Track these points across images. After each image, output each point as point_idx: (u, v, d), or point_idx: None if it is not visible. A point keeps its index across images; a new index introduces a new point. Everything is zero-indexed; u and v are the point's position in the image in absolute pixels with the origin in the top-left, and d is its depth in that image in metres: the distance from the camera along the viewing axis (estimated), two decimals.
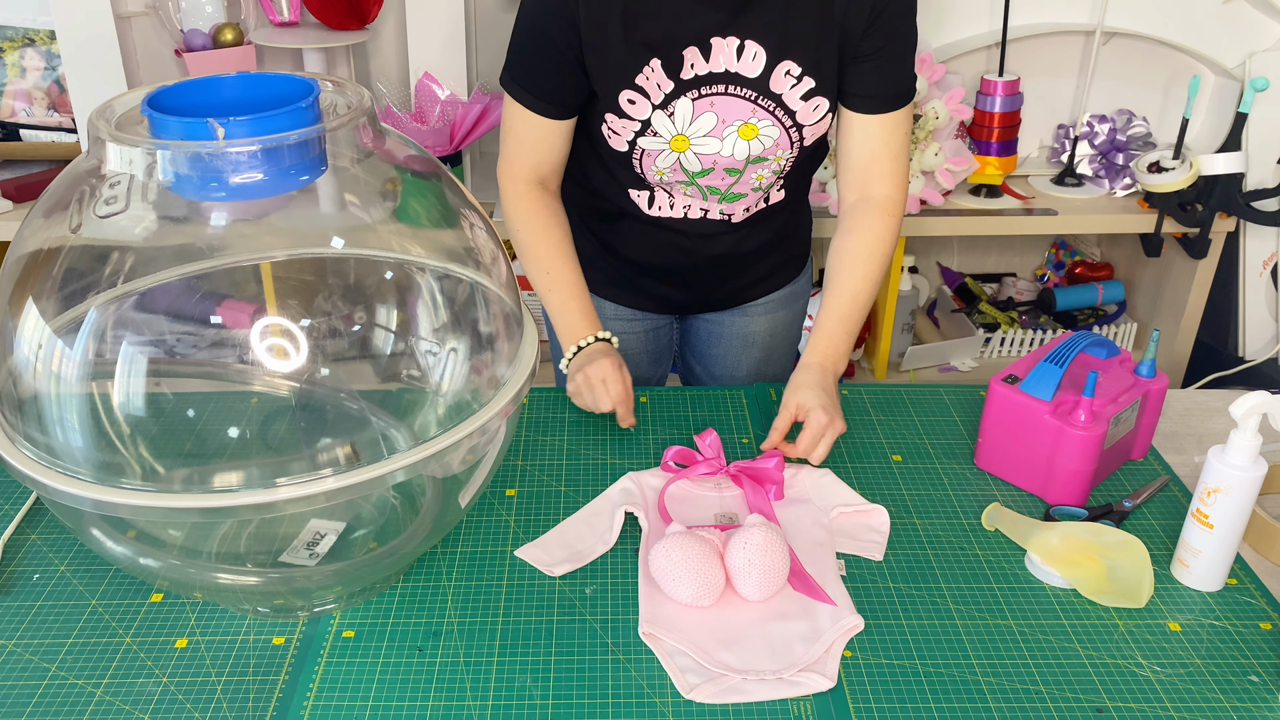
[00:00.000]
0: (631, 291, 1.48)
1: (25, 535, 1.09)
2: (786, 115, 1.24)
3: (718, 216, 1.36)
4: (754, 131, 1.24)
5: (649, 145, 1.25)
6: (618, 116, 1.23)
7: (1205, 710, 0.90)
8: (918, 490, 1.17)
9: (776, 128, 1.24)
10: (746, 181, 1.30)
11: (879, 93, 1.25)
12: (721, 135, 1.24)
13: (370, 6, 2.02)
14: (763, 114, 1.23)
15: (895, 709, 0.90)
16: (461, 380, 0.96)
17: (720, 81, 1.20)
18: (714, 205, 1.34)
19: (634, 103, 1.21)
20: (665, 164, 1.27)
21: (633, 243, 1.42)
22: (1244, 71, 2.07)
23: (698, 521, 1.10)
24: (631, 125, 1.24)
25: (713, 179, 1.29)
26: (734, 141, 1.24)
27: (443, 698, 0.90)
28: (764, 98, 1.22)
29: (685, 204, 1.34)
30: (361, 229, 0.95)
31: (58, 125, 2.12)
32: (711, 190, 1.31)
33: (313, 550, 1.00)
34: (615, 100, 1.22)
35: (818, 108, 1.24)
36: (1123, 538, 1.03)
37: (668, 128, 1.23)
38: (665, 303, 1.50)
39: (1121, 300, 2.41)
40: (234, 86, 0.93)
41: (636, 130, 1.24)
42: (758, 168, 1.29)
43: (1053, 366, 1.12)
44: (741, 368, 1.57)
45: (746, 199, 1.34)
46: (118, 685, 0.91)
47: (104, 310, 0.88)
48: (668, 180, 1.30)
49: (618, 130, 1.25)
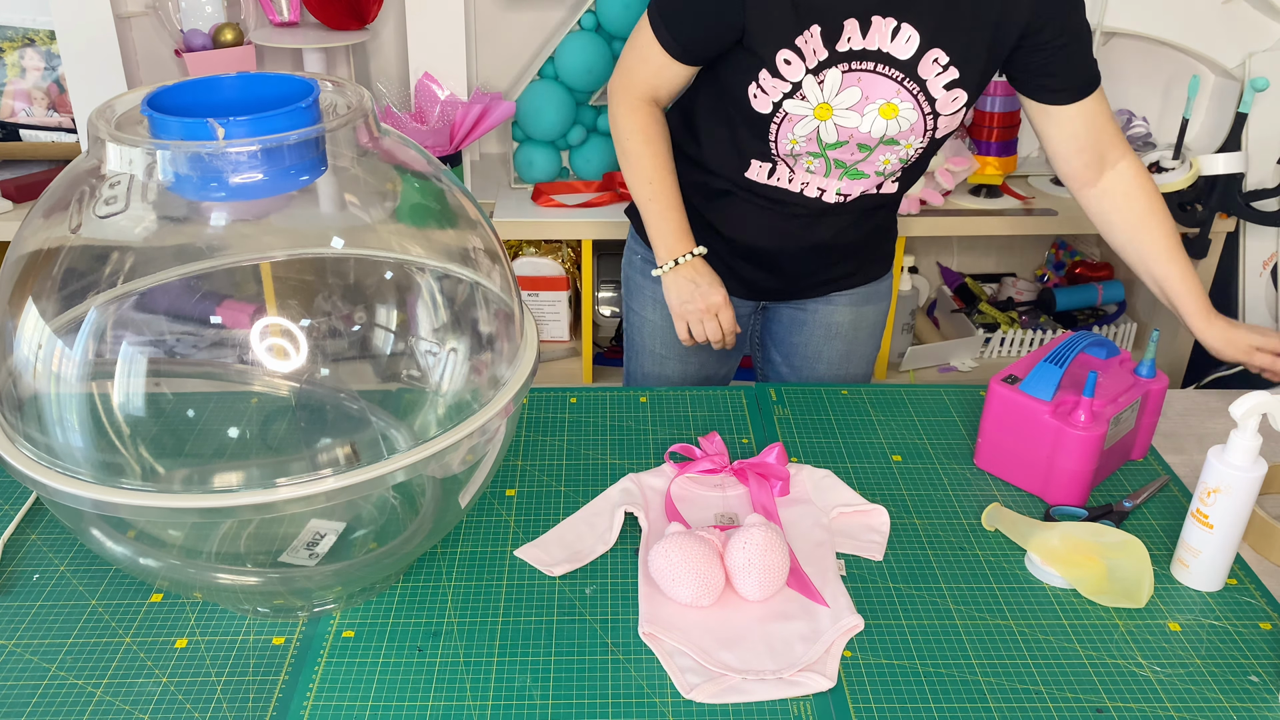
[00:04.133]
0: (721, 272, 1.49)
1: (25, 535, 1.09)
2: (927, 101, 1.28)
3: (833, 199, 1.38)
4: (894, 111, 1.28)
5: (793, 109, 1.28)
6: (771, 75, 1.26)
7: (1205, 710, 0.90)
8: (918, 490, 1.17)
9: (916, 111, 1.28)
10: (873, 162, 1.34)
11: (1081, 80, 1.31)
12: (863, 111, 1.28)
13: (370, 6, 2.01)
14: (906, 96, 1.27)
15: (895, 709, 0.90)
16: (461, 380, 0.96)
17: (872, 59, 1.25)
18: (833, 183, 1.36)
19: (789, 63, 1.25)
20: (803, 131, 1.30)
21: (736, 220, 1.44)
22: (1244, 71, 2.07)
23: (699, 521, 1.10)
24: (782, 86, 1.27)
25: (843, 152, 1.32)
26: (874, 119, 1.28)
27: (443, 698, 0.90)
28: (910, 80, 1.26)
29: (805, 180, 1.37)
30: (361, 229, 0.95)
31: (58, 125, 2.12)
32: (838, 164, 1.34)
33: (313, 550, 1.00)
34: (773, 58, 1.25)
35: (956, 99, 1.28)
36: (1123, 538, 1.03)
37: (816, 94, 1.26)
38: (753, 288, 1.52)
39: (1121, 300, 2.41)
40: (234, 86, 0.93)
41: (786, 92, 1.27)
42: (887, 150, 1.32)
43: (1053, 366, 1.12)
44: (822, 360, 1.58)
45: (867, 180, 1.36)
46: (118, 685, 0.91)
47: (104, 310, 0.88)
48: (799, 150, 1.32)
49: (767, 90, 1.27)
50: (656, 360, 1.58)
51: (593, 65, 2.06)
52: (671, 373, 1.58)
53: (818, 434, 1.26)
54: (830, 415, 1.30)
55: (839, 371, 1.59)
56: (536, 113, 2.09)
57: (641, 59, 1.35)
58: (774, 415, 1.30)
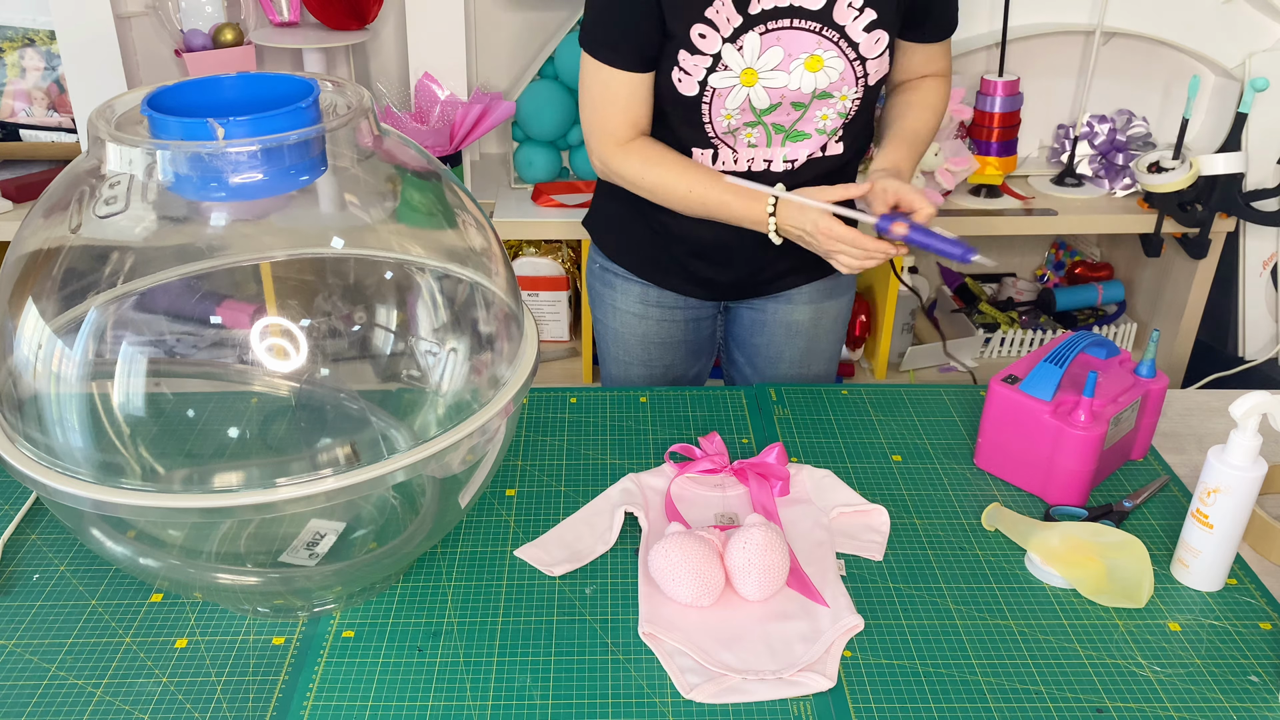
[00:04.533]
0: (677, 275, 1.49)
1: (25, 535, 1.09)
2: (850, 47, 1.28)
3: (780, 167, 1.37)
4: (819, 63, 1.28)
5: (719, 83, 1.28)
6: (689, 54, 1.27)
7: (1205, 710, 0.90)
8: (918, 490, 1.17)
9: (841, 59, 1.29)
10: (810, 120, 1.33)
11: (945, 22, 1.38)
12: (789, 69, 1.28)
13: (370, 6, 2.02)
14: (827, 44, 1.27)
15: (895, 709, 0.90)
16: (461, 380, 0.96)
17: (785, 15, 1.25)
18: (777, 151, 1.36)
19: (704, 36, 1.25)
20: (734, 103, 1.30)
21: (685, 218, 1.41)
22: (1244, 71, 2.07)
23: (699, 521, 1.10)
24: (703, 62, 1.27)
25: (779, 115, 1.32)
26: (800, 74, 1.28)
27: (443, 698, 0.90)
28: (828, 28, 1.27)
29: (749, 156, 1.36)
30: (361, 229, 0.95)
31: (58, 125, 2.12)
32: (777, 128, 1.33)
33: (313, 550, 1.00)
34: (687, 35, 1.26)
35: (879, 40, 1.29)
36: (1123, 538, 1.03)
37: (737, 61, 1.27)
38: (710, 287, 1.51)
39: (1121, 300, 2.41)
40: (234, 86, 0.93)
41: (708, 67, 1.27)
42: (822, 104, 1.32)
43: (1053, 366, 1.12)
44: (784, 359, 1.57)
45: (810, 140, 1.35)
46: (118, 685, 0.91)
47: (104, 310, 0.88)
48: (735, 124, 1.32)
49: (689, 70, 1.28)
50: (621, 366, 1.59)
51: None
52: (636, 376, 1.59)
53: (818, 434, 1.26)
54: (830, 415, 1.30)
55: (800, 371, 1.58)
56: (536, 113, 2.09)
57: (606, 96, 1.33)
58: (774, 415, 1.30)
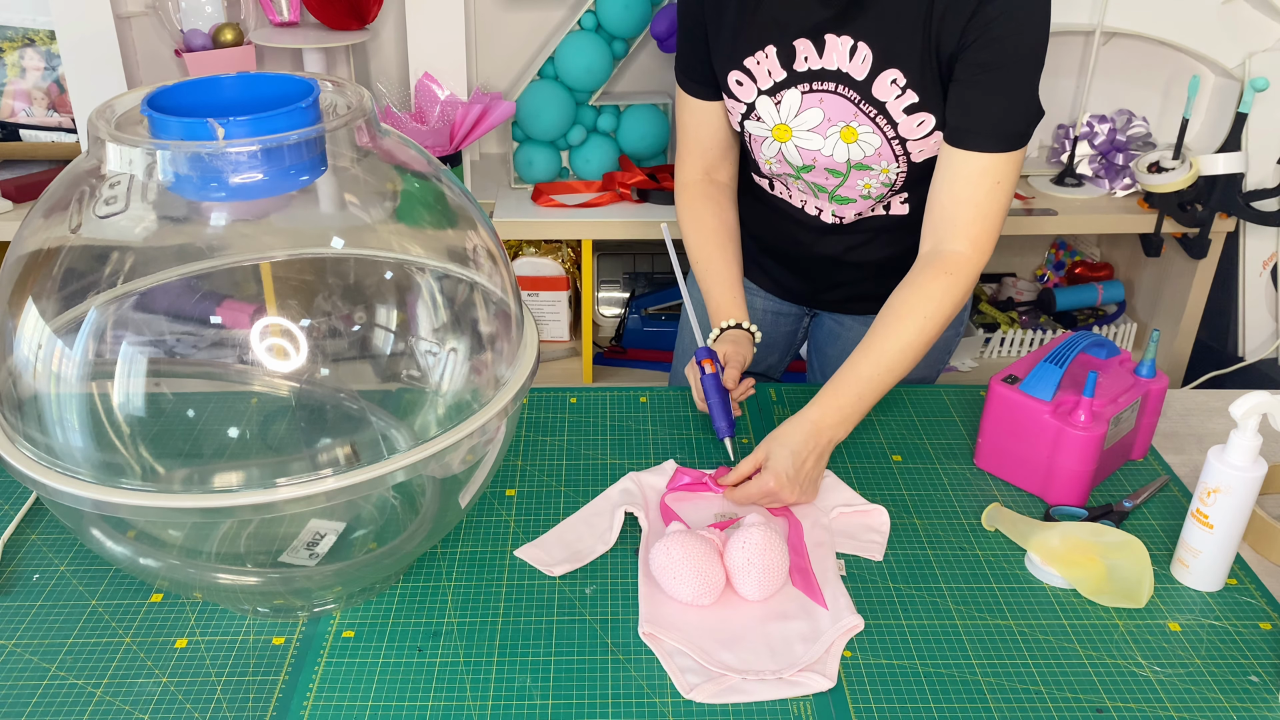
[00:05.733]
0: (757, 270, 1.49)
1: (25, 535, 1.09)
2: (889, 125, 1.19)
3: (830, 220, 1.35)
4: (854, 135, 1.21)
5: (754, 130, 1.27)
6: (728, 97, 1.26)
7: (1205, 710, 0.90)
8: (918, 490, 1.17)
9: (878, 136, 1.20)
10: (853, 187, 1.28)
11: (973, 126, 1.12)
12: (825, 134, 1.23)
13: (370, 6, 2.01)
14: (864, 120, 1.19)
15: (895, 709, 0.90)
16: (461, 380, 0.95)
17: (831, 79, 1.19)
18: (825, 205, 1.34)
19: (741, 84, 1.24)
20: (769, 152, 1.29)
21: (757, 220, 1.43)
22: (1244, 71, 2.07)
23: (698, 521, 1.10)
24: (739, 108, 1.26)
25: (816, 176, 1.29)
26: (835, 142, 1.23)
27: (443, 698, 0.90)
28: (865, 102, 1.18)
29: (801, 199, 1.35)
30: (361, 229, 0.95)
31: (58, 125, 2.12)
32: (818, 189, 1.31)
33: (313, 550, 1.00)
34: (726, 80, 1.25)
35: (922, 124, 1.17)
36: (1123, 538, 1.03)
37: (772, 114, 1.24)
38: (782, 286, 1.51)
39: (1121, 300, 2.41)
40: (234, 86, 0.93)
41: (743, 113, 1.26)
42: (862, 175, 1.25)
43: (1053, 366, 1.12)
44: None
45: (856, 204, 1.31)
46: (118, 685, 0.91)
47: (104, 310, 0.88)
48: (776, 170, 1.31)
49: (730, 110, 1.28)
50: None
51: (593, 65, 2.06)
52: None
53: None
54: None
55: None
56: (536, 113, 2.09)
57: (684, 129, 1.36)
58: (774, 415, 1.30)
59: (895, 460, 1.22)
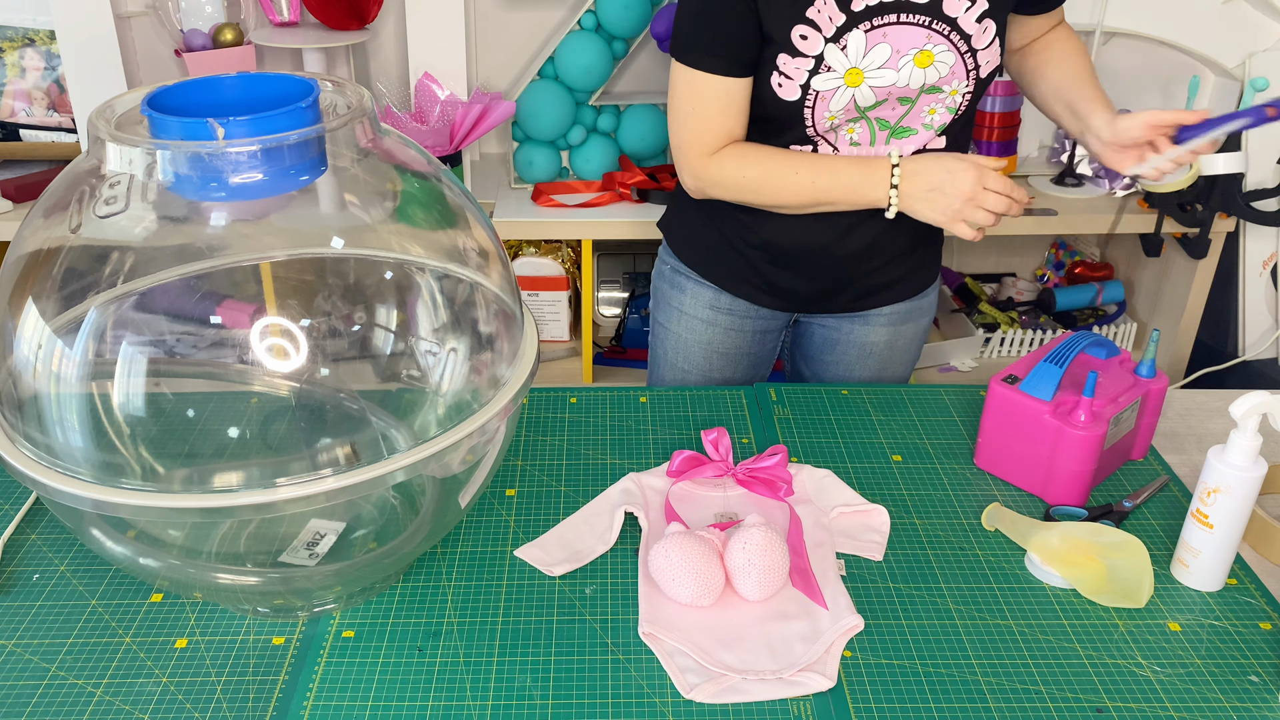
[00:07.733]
0: (753, 283, 1.45)
1: (25, 535, 1.09)
2: (962, 40, 1.24)
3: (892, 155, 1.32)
4: (929, 58, 1.23)
5: (823, 85, 1.24)
6: (790, 56, 1.22)
7: (1205, 710, 0.90)
8: (918, 490, 1.17)
9: (952, 53, 1.24)
10: (917, 115, 1.29)
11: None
12: (897, 66, 1.23)
13: (370, 6, 2.02)
14: (938, 39, 1.23)
15: (895, 709, 0.90)
16: (461, 380, 0.96)
17: (892, 10, 1.20)
18: (882, 149, 1.31)
19: (806, 38, 1.21)
20: (839, 104, 1.26)
21: (775, 222, 1.37)
22: (1244, 71, 2.07)
23: (698, 521, 1.10)
24: (805, 64, 1.23)
25: (883, 110, 1.28)
26: (910, 70, 1.24)
27: (443, 698, 0.90)
28: (938, 21, 1.22)
29: (850, 153, 1.31)
30: (361, 229, 0.95)
31: (58, 125, 2.12)
32: (882, 124, 1.29)
33: (313, 550, 1.00)
34: (788, 37, 1.21)
35: (987, 30, 1.24)
36: (1123, 538, 1.03)
37: (841, 61, 1.22)
38: (786, 297, 1.46)
39: (1121, 300, 2.41)
40: (234, 86, 0.93)
41: (810, 70, 1.23)
42: (930, 99, 1.28)
43: (1053, 366, 1.12)
44: (854, 379, 1.54)
45: (919, 135, 1.31)
46: (118, 685, 0.91)
47: (104, 310, 0.88)
48: (838, 122, 1.28)
49: (790, 74, 1.24)
50: (678, 372, 1.55)
51: (593, 65, 2.06)
52: (693, 384, 1.55)
53: (818, 434, 1.26)
54: (830, 415, 1.30)
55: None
56: (536, 113, 2.09)
57: (700, 107, 1.27)
58: (774, 415, 1.30)
59: (895, 460, 1.22)
